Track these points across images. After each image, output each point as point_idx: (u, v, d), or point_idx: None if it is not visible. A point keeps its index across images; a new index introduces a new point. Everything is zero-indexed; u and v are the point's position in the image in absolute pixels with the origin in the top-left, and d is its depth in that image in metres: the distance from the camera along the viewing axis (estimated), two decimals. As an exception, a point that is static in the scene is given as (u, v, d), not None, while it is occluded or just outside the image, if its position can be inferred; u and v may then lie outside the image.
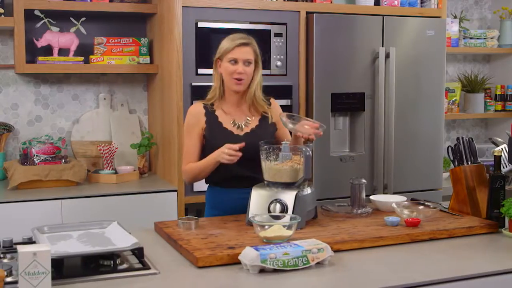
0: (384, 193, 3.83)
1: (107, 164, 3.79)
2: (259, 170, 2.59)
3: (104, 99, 4.02)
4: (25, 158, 3.58)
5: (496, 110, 4.89)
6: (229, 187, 2.74)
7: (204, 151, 2.74)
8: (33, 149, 3.55)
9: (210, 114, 2.75)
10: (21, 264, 1.73)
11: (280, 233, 2.20)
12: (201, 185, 3.57)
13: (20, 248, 1.75)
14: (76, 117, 3.98)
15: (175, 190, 3.54)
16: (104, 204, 3.39)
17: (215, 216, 2.69)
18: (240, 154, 2.55)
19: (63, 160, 3.60)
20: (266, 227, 2.22)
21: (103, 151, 3.79)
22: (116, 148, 3.87)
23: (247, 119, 2.77)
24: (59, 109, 3.94)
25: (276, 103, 2.90)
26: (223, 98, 2.77)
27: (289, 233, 2.22)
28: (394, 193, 3.75)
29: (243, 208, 2.60)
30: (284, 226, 2.22)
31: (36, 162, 3.53)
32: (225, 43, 2.72)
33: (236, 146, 2.55)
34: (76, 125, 3.96)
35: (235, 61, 2.67)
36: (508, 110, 4.88)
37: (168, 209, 3.50)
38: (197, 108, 2.78)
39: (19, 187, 3.44)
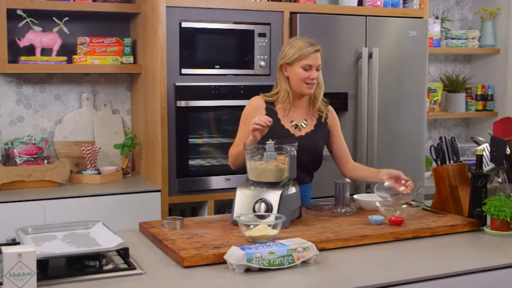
0: (366, 192, 3.85)
1: (90, 165, 3.77)
2: (304, 171, 2.70)
3: (87, 99, 4.01)
4: (7, 159, 3.55)
5: (477, 110, 4.95)
6: None
7: None
8: (15, 150, 3.53)
9: (270, 109, 2.82)
10: (6, 266, 1.71)
11: (265, 233, 2.21)
12: (186, 185, 3.59)
13: (5, 249, 1.73)
14: (59, 118, 3.95)
15: (159, 190, 3.54)
16: (88, 204, 3.37)
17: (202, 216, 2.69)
18: (269, 124, 2.56)
19: (45, 161, 3.57)
20: (251, 226, 2.23)
21: (86, 151, 3.77)
22: (99, 149, 3.85)
23: (304, 121, 2.85)
24: (41, 109, 3.92)
25: (333, 110, 2.97)
26: (291, 100, 2.83)
27: (274, 232, 2.23)
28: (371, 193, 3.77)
29: None
30: (269, 225, 2.23)
31: (18, 162, 3.50)
32: (296, 50, 2.76)
33: (269, 119, 2.58)
34: (58, 126, 3.94)
35: (309, 68, 2.76)
36: (488, 109, 4.94)
37: (152, 209, 3.50)
38: (258, 101, 2.86)
39: (1, 188, 3.41)
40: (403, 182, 2.71)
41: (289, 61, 2.77)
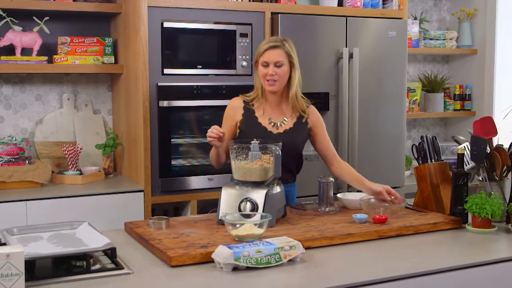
0: (348, 191, 3.88)
1: (71, 165, 3.75)
2: (285, 170, 2.68)
3: (68, 99, 3.98)
4: (-12, 160, 3.52)
5: (455, 109, 5.02)
6: None
7: None
8: (-4, 150, 3.50)
9: (248, 109, 2.87)
10: (-6, 266, 1.71)
11: (252, 232, 2.22)
12: (169, 185, 3.59)
13: (-8, 250, 1.73)
14: (40, 118, 3.93)
15: (142, 191, 3.53)
16: (70, 205, 3.36)
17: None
18: (221, 135, 2.61)
19: (27, 161, 3.55)
20: (238, 225, 2.24)
21: (67, 151, 3.75)
22: (81, 149, 3.84)
23: (284, 119, 2.87)
24: (21, 109, 3.88)
25: (316, 110, 2.97)
26: (264, 98, 2.88)
27: (260, 231, 2.24)
28: (358, 191, 3.81)
29: None
30: (255, 224, 2.25)
31: (-1, 163, 3.48)
32: (259, 47, 2.84)
33: (221, 130, 2.63)
34: (39, 126, 3.91)
35: (266, 64, 2.78)
36: (466, 109, 5.02)
37: (135, 210, 3.49)
38: (237, 102, 2.91)
39: (-19, 189, 3.39)
40: (392, 197, 2.75)
41: (255, 58, 2.85)
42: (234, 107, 2.90)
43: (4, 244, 2.12)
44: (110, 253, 2.05)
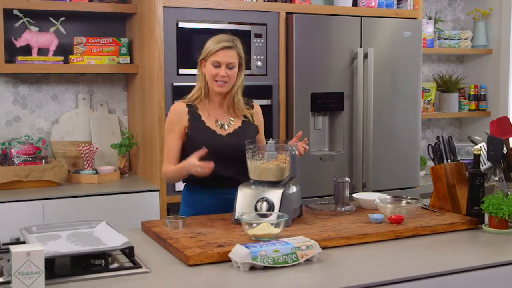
0: (362, 191, 3.89)
1: (87, 165, 3.77)
2: (241, 171, 2.63)
3: (84, 99, 4.01)
4: (5, 159, 3.55)
5: (470, 110, 5.00)
6: (210, 186, 2.73)
7: (186, 150, 2.73)
8: (13, 150, 3.53)
9: (193, 113, 2.74)
10: (14, 264, 1.72)
11: (269, 231, 2.23)
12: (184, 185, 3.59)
13: (13, 248, 1.74)
14: (56, 117, 3.96)
15: (157, 190, 3.55)
16: (87, 204, 3.38)
17: (196, 215, 2.68)
18: (212, 165, 2.52)
19: (43, 161, 3.57)
20: (254, 225, 2.25)
21: (83, 151, 3.77)
22: (97, 148, 3.86)
23: (231, 120, 2.78)
24: (38, 109, 3.91)
25: (259, 107, 2.92)
26: (207, 98, 2.78)
27: (277, 231, 2.25)
28: (372, 191, 3.81)
29: (221, 208, 2.68)
30: (272, 224, 2.25)
31: (16, 162, 3.51)
32: (209, 45, 2.72)
33: (208, 165, 2.52)
34: (55, 125, 3.94)
35: (218, 64, 2.68)
36: (481, 109, 4.99)
37: (150, 209, 3.51)
38: (179, 107, 2.77)
39: (-1, 188, 3.42)
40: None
41: (203, 56, 2.72)
42: (178, 113, 2.74)
43: (24, 242, 2.13)
44: (128, 252, 2.07)
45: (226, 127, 2.76)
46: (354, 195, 2.94)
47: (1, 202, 3.24)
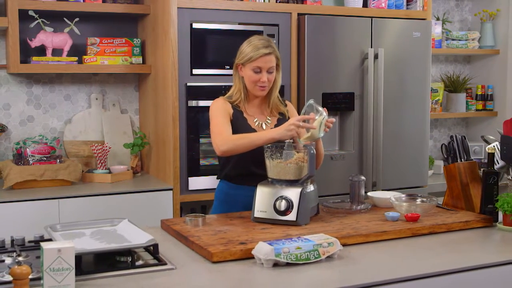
0: (372, 190, 3.92)
1: (100, 164, 3.81)
2: None
3: (96, 99, 4.04)
4: (19, 158, 3.59)
5: (477, 110, 5.04)
6: (242, 183, 2.79)
7: None
8: (27, 149, 3.56)
9: (236, 110, 2.80)
10: (46, 261, 1.76)
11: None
12: (197, 184, 3.64)
13: (45, 245, 1.78)
14: (69, 117, 3.99)
15: (171, 189, 3.58)
16: (102, 203, 3.42)
17: (221, 213, 2.73)
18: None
19: (58, 160, 3.61)
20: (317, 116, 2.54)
21: (96, 151, 3.81)
22: (110, 148, 3.90)
23: (268, 119, 2.85)
24: (51, 109, 3.95)
25: (292, 106, 2.99)
26: (246, 100, 2.83)
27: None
28: (382, 190, 3.84)
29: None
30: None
31: (31, 162, 3.54)
32: (248, 51, 2.73)
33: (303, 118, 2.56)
34: (68, 125, 3.97)
35: (259, 70, 2.72)
36: (488, 109, 5.03)
37: (163, 208, 3.55)
38: (223, 101, 2.80)
39: (14, 187, 3.45)
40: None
41: (242, 61, 2.75)
42: (224, 103, 2.78)
43: (50, 240, 2.17)
44: (153, 249, 2.10)
45: (264, 126, 2.82)
46: (369, 193, 2.97)
47: (17, 201, 3.27)
